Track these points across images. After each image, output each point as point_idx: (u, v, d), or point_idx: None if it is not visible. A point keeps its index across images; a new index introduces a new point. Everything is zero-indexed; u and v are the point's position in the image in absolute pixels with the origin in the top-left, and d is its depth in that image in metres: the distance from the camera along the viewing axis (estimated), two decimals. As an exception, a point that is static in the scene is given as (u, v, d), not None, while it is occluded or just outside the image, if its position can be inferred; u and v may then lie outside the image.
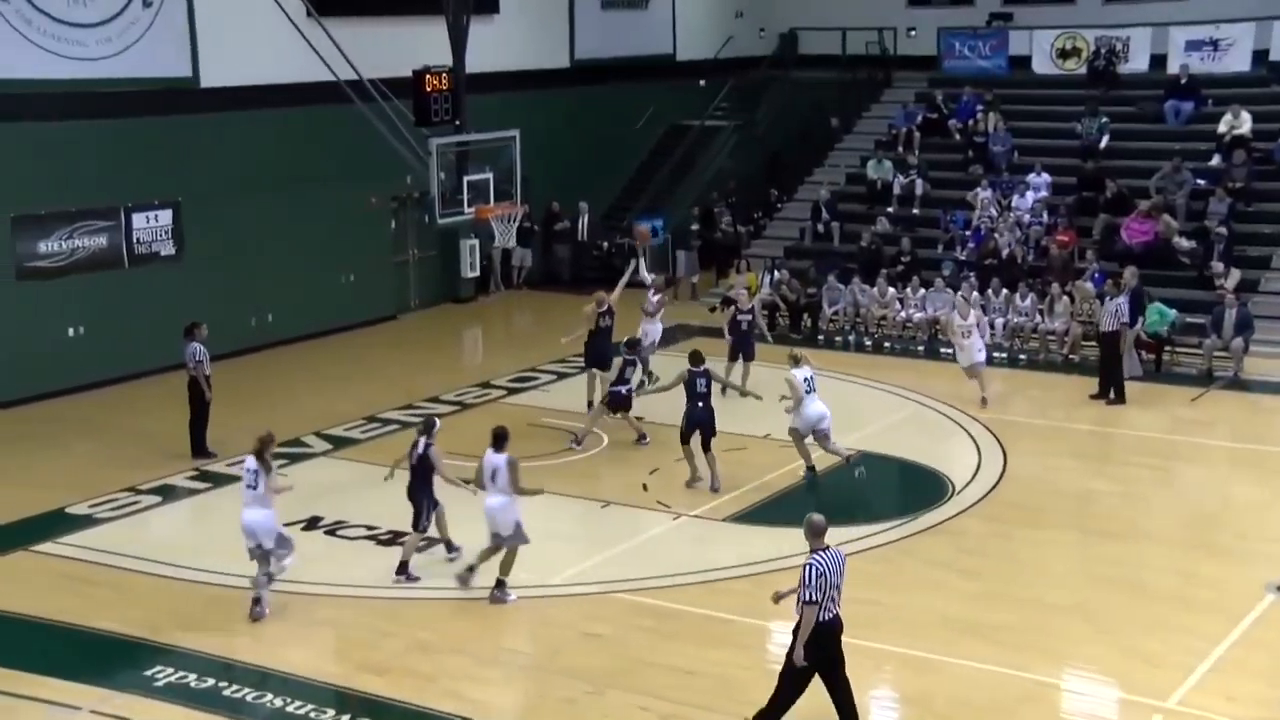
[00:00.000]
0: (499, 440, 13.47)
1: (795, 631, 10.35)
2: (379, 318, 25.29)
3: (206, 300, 21.89)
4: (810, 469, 16.88)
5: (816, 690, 10.53)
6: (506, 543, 13.40)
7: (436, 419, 14.71)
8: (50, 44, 20.48)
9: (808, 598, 10.08)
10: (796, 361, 16.84)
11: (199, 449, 17.88)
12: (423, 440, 14.00)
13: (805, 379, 16.62)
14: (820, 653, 10.24)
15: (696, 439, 16.43)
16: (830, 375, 21.90)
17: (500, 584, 13.43)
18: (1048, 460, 17.86)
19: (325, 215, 24.29)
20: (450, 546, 14.42)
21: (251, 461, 13.32)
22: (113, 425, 19.34)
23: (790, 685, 10.43)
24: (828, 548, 10.33)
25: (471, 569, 13.69)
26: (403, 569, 13.99)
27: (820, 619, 10.14)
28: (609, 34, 30.53)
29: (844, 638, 10.52)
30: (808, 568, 10.14)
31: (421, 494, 14.02)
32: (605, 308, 19.28)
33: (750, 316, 20.38)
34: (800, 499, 16.38)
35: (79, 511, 16.09)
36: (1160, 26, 28.57)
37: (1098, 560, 14.62)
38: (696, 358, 16.69)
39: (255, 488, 13.21)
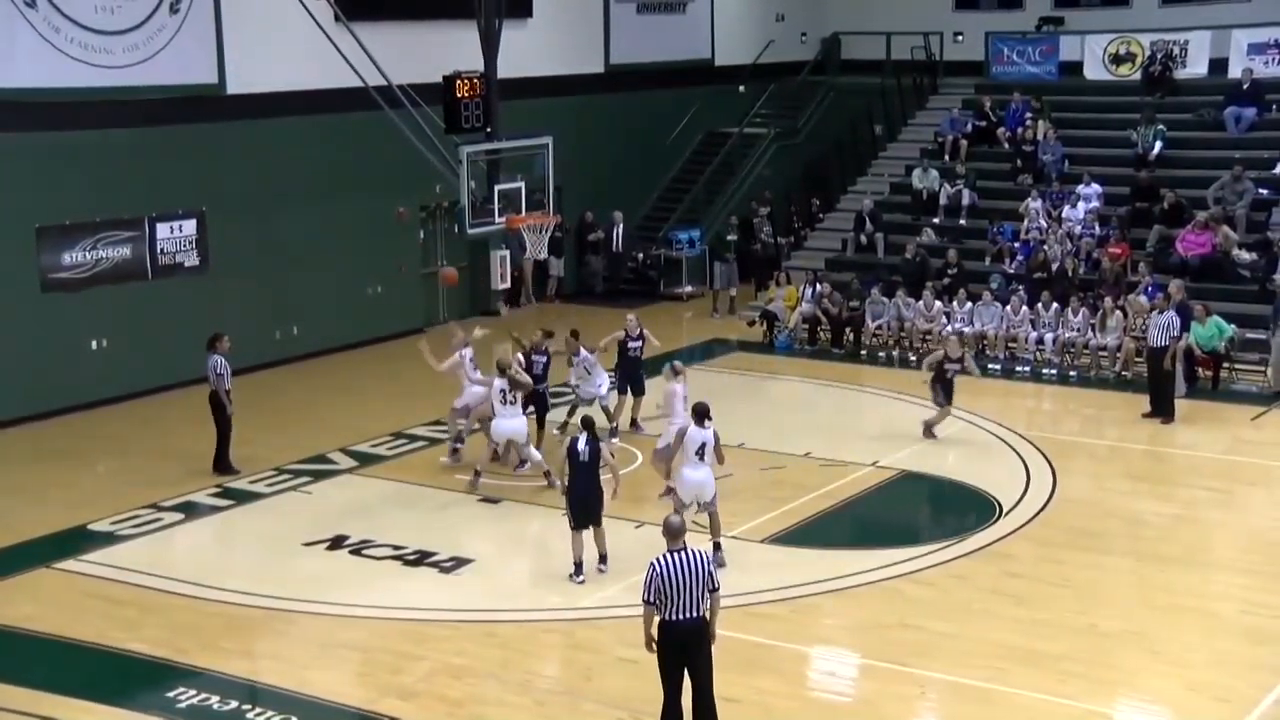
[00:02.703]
0: (703, 416, 14.14)
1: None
2: (407, 330, 24.92)
3: (231, 312, 21.61)
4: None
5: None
6: (713, 508, 14.36)
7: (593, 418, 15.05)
8: (78, 52, 20.29)
9: (643, 596, 10.43)
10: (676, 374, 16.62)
11: (220, 464, 17.57)
12: (584, 437, 14.10)
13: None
14: (674, 653, 10.43)
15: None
16: (874, 391, 21.66)
17: (718, 546, 14.26)
18: (1100, 481, 17.41)
19: (352, 225, 24.03)
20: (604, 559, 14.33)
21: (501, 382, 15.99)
22: (135, 440, 19.16)
23: (663, 679, 10.54)
24: (683, 548, 10.39)
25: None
26: (603, 560, 14.27)
27: (670, 619, 10.31)
28: (645, 38, 30.15)
29: (878, 663, 10.58)
30: (648, 567, 10.43)
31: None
32: (634, 334, 19.01)
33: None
34: (840, 520, 16.11)
35: (101, 528, 15.92)
36: (1221, 29, 27.83)
37: (1154, 586, 14.10)
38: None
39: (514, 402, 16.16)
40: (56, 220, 20.21)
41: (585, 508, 14.07)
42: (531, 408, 17.60)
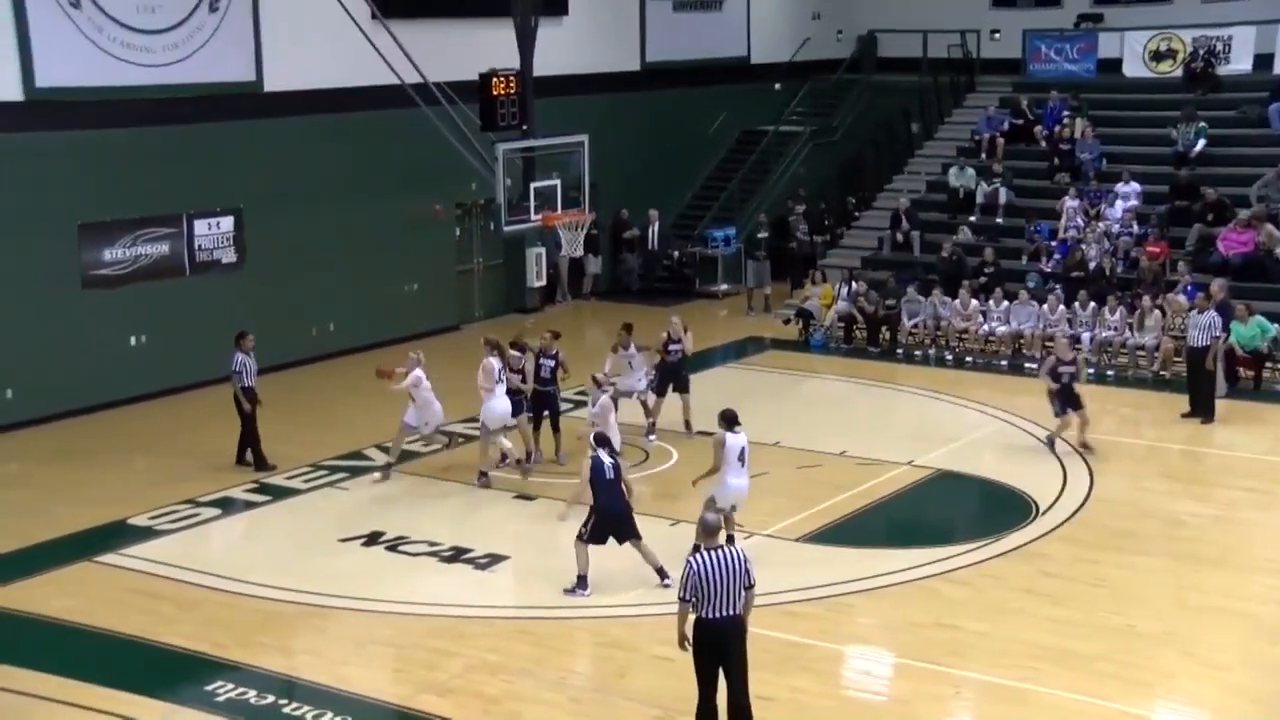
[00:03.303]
0: (733, 421, 13.94)
1: None
2: (442, 328, 24.97)
3: (267, 309, 21.79)
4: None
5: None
6: (733, 513, 14.29)
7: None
8: (119, 51, 20.44)
9: (679, 594, 10.42)
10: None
11: (240, 459, 17.66)
12: (603, 453, 13.83)
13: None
14: (709, 651, 10.39)
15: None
16: (909, 390, 21.56)
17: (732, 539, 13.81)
18: (1137, 481, 17.23)
19: (388, 222, 24.11)
20: (663, 574, 13.87)
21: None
22: (172, 436, 19.25)
23: (697, 678, 10.53)
24: (719, 547, 10.38)
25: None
26: (663, 574, 13.78)
27: (706, 616, 10.27)
28: (681, 36, 30.12)
29: (913, 662, 10.47)
30: (684, 565, 10.38)
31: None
32: (677, 336, 18.83)
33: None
34: (875, 519, 16.04)
35: (140, 523, 16.03)
36: (1266, 24, 27.51)
37: (1191, 587, 13.95)
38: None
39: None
40: (98, 217, 20.36)
41: (619, 524, 13.74)
42: (546, 411, 17.62)
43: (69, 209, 20.01)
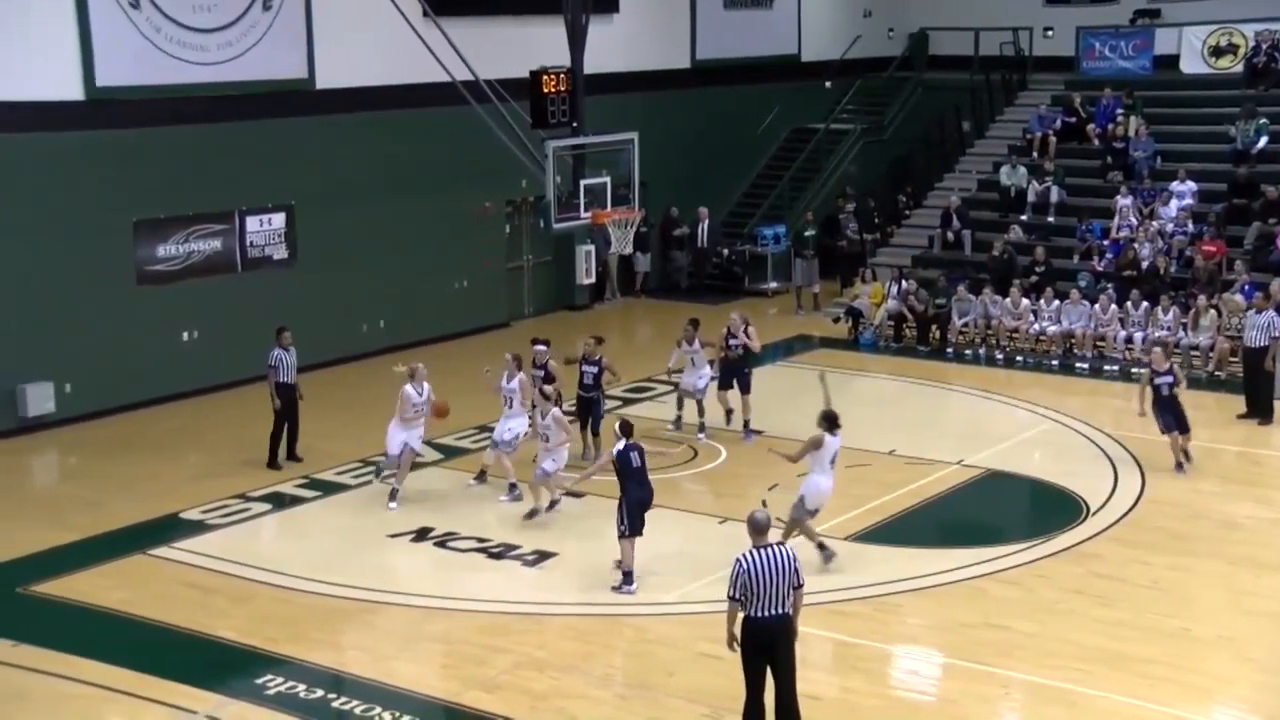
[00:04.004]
0: (833, 423, 14.01)
1: None
2: (492, 325, 25.02)
3: (318, 305, 21.92)
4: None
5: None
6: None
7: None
8: (176, 50, 20.63)
9: (728, 593, 10.37)
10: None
11: (273, 459, 17.67)
12: (624, 443, 13.81)
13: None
14: (757, 650, 10.36)
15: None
16: (959, 390, 21.44)
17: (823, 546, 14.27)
18: (1192, 483, 16.98)
19: (438, 219, 24.18)
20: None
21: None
22: (223, 431, 19.37)
23: (746, 677, 10.49)
24: (769, 546, 10.32)
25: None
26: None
27: (754, 615, 10.25)
28: (732, 34, 30.05)
29: (961, 662, 10.43)
30: (734, 564, 10.33)
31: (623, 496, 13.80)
32: (737, 332, 18.59)
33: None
34: (924, 518, 15.97)
35: (192, 517, 16.18)
36: (1332, 18, 27.06)
37: (1248, 592, 13.79)
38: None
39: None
40: (152, 214, 20.54)
41: (647, 511, 13.83)
42: (589, 417, 17.57)
43: (125, 206, 20.21)
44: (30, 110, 19.16)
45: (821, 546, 14.22)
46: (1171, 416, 17.12)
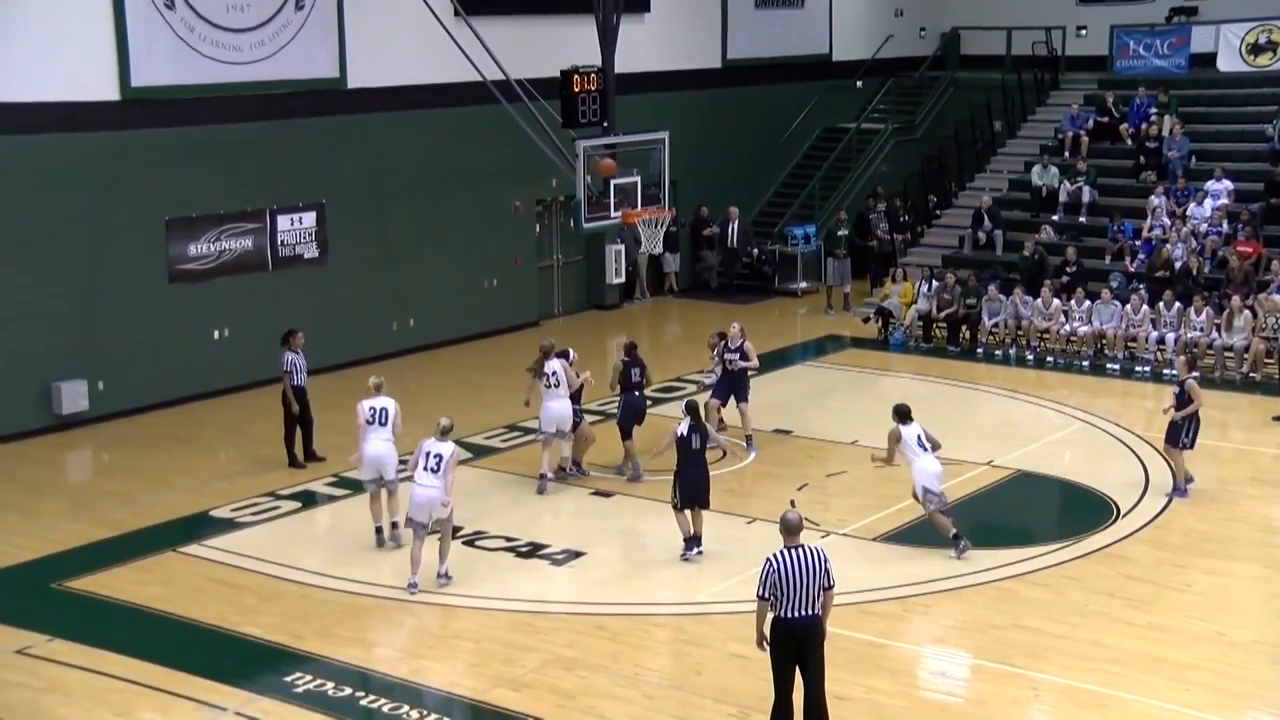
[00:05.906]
0: (905, 415, 14.58)
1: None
2: (522, 324, 25.07)
3: (348, 304, 22.01)
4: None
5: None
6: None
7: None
8: (209, 49, 20.73)
9: (758, 593, 10.38)
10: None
11: (292, 459, 17.71)
12: (686, 424, 14.31)
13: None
14: (786, 650, 10.39)
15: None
16: (989, 390, 21.33)
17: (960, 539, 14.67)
18: (1225, 486, 16.85)
19: (469, 218, 24.23)
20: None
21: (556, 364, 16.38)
22: (254, 429, 19.43)
23: (774, 677, 10.52)
24: (800, 546, 10.32)
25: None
26: (698, 542, 14.45)
27: (784, 616, 10.26)
28: (763, 33, 30.00)
29: (990, 664, 10.49)
30: (764, 564, 10.34)
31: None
32: (735, 344, 17.97)
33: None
34: (954, 518, 15.70)
35: (222, 515, 16.25)
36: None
37: (1284, 596, 13.68)
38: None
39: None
40: (185, 213, 20.65)
41: (697, 492, 14.31)
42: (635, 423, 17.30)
43: (158, 205, 20.32)
44: (66, 110, 19.29)
45: (956, 538, 14.44)
46: (1179, 432, 16.29)
